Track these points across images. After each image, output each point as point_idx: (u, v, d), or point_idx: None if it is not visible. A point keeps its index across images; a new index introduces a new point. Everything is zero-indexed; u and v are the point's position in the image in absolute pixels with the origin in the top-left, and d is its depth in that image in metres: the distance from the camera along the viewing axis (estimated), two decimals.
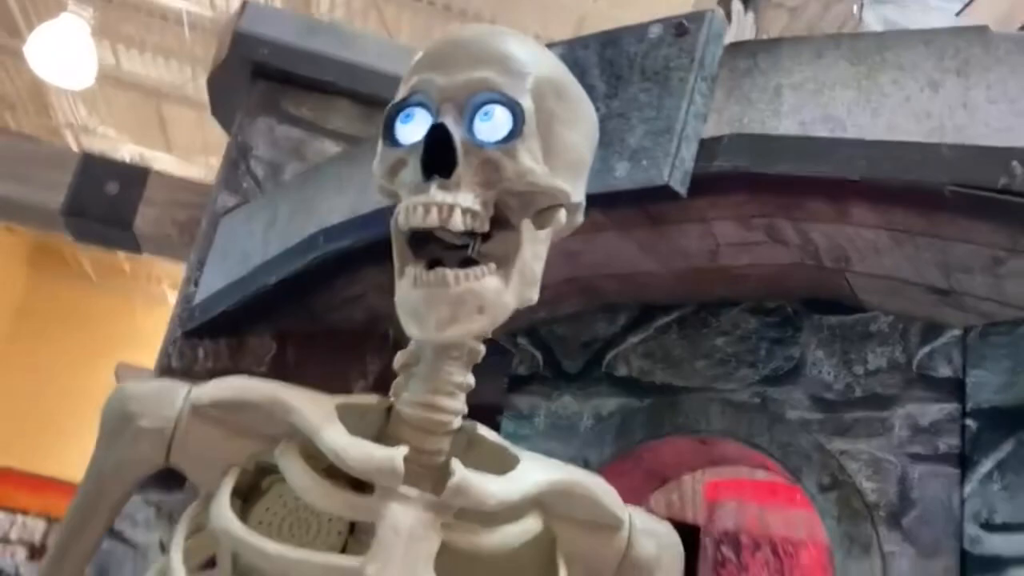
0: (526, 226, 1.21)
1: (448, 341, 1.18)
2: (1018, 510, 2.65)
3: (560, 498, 1.28)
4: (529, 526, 1.25)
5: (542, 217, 1.24)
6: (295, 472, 1.18)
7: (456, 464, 1.18)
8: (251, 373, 3.79)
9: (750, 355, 3.43)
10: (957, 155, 2.29)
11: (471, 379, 1.34)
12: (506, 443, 1.37)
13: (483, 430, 1.38)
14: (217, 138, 4.84)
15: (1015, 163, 2.21)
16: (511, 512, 1.24)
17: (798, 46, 2.69)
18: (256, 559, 1.17)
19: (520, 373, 3.94)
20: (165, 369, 3.73)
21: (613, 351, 3.72)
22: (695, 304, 3.62)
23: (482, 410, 3.24)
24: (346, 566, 1.12)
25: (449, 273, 1.13)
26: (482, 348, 1.34)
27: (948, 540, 2.82)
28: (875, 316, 3.20)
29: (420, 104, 1.16)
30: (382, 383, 4.07)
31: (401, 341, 4.28)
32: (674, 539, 1.44)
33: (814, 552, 4.37)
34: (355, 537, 1.33)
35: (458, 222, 1.11)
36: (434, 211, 1.10)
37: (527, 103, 1.15)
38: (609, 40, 2.95)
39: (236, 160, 4.06)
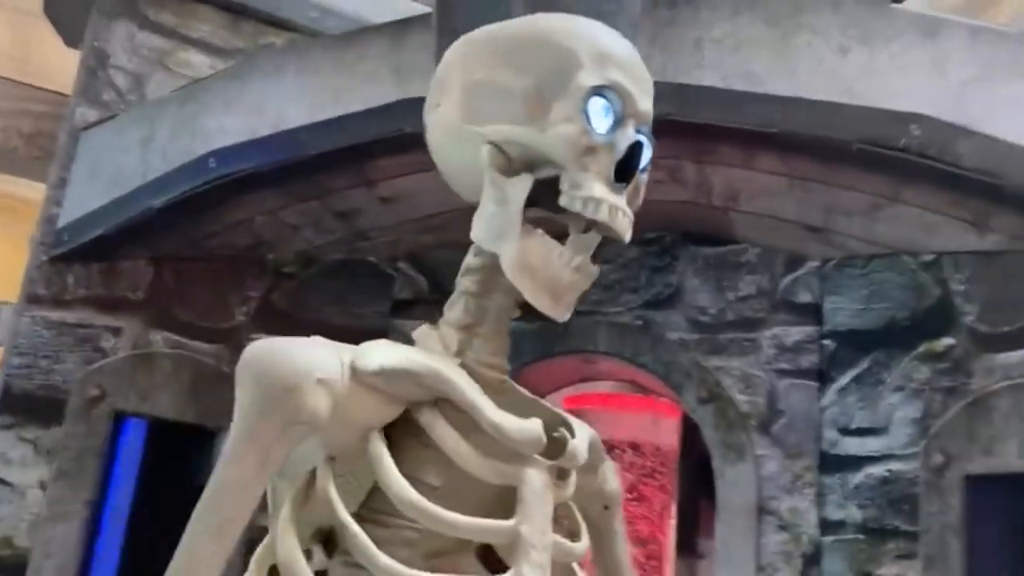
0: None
1: (563, 319, 1.26)
2: (871, 417, 3.13)
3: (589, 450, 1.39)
4: (574, 477, 1.36)
5: None
6: (453, 441, 1.21)
7: (567, 433, 1.27)
8: (127, 300, 3.63)
9: (632, 282, 3.71)
10: (863, 116, 2.61)
11: None
12: (536, 398, 1.40)
13: (517, 387, 1.40)
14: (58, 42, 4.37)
15: (913, 126, 2.56)
16: None
17: (717, 2, 2.90)
18: (440, 528, 1.19)
19: (403, 297, 4.01)
20: (32, 298, 3.45)
21: None
22: None
23: (365, 334, 3.32)
24: (504, 527, 1.20)
25: (594, 268, 1.25)
26: None
27: (809, 443, 3.28)
28: (745, 248, 3.56)
29: (612, 102, 1.23)
30: (264, 311, 4.00)
31: (281, 267, 4.18)
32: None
33: (656, 451, 4.87)
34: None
35: (629, 235, 1.24)
36: (626, 221, 1.22)
37: None
38: None
39: (94, 68, 3.73)
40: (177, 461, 3.48)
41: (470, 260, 1.31)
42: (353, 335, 1.33)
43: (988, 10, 2.99)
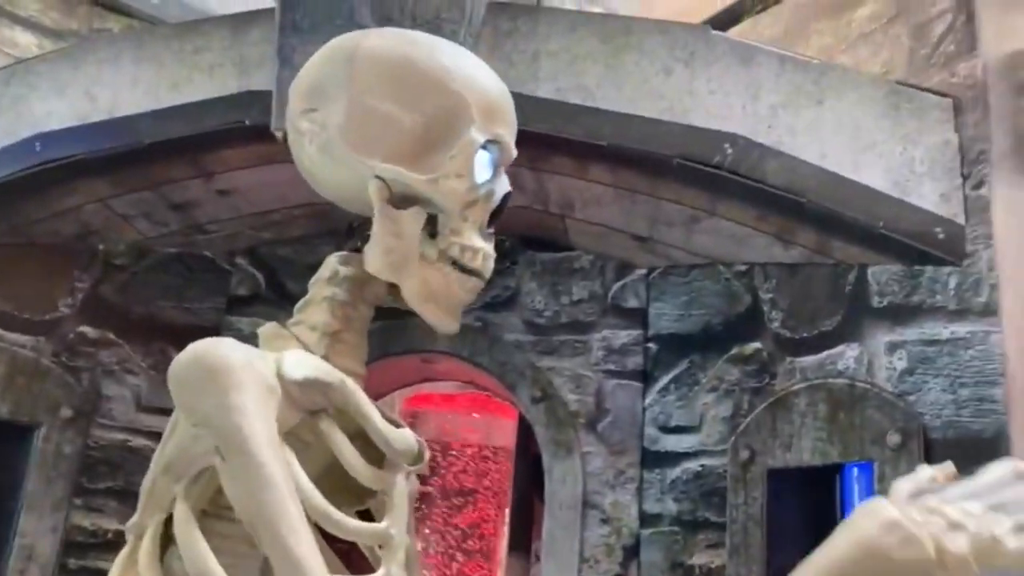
0: None
1: (453, 332, 1.38)
2: (687, 415, 3.34)
3: None
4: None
5: None
6: (345, 448, 1.26)
7: (423, 441, 1.37)
8: None
9: None
10: (684, 133, 2.80)
11: None
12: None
13: None
14: None
15: (727, 145, 2.76)
16: None
17: (554, 17, 3.04)
18: (331, 528, 1.21)
19: (240, 294, 3.95)
20: None
21: None
22: None
23: (201, 331, 3.27)
24: (381, 529, 1.26)
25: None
26: None
27: (632, 440, 3.46)
28: (579, 255, 3.72)
29: (493, 155, 1.32)
30: (92, 303, 3.87)
31: (113, 258, 4.06)
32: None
33: (494, 452, 4.96)
34: None
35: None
36: (490, 263, 1.34)
37: None
38: None
39: None
40: None
41: (339, 268, 1.35)
42: (187, 330, 1.35)
43: (798, 43, 3.25)
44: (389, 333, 3.82)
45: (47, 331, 3.53)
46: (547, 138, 2.94)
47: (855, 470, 2.73)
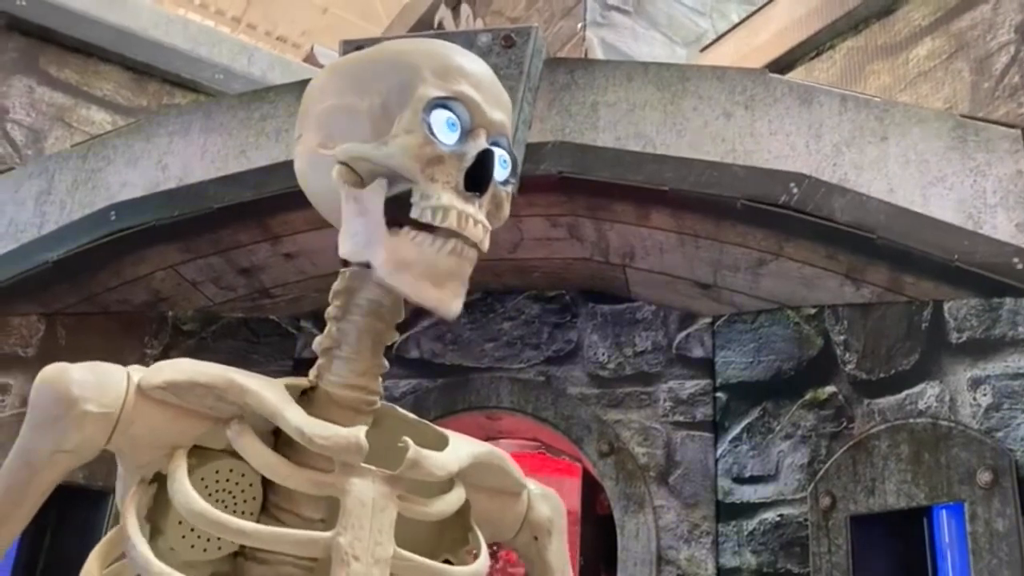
0: None
1: (450, 312, 1.23)
2: (762, 464, 3.26)
3: (479, 469, 1.35)
4: (459, 495, 1.32)
5: None
6: (257, 452, 1.20)
7: (410, 442, 1.22)
8: (16, 356, 3.51)
9: (534, 338, 3.80)
10: (747, 175, 2.79)
11: (386, 363, 1.37)
12: (422, 420, 1.41)
13: (400, 410, 1.42)
14: None
15: (792, 184, 2.75)
16: (444, 483, 1.32)
17: (611, 68, 3.08)
18: (230, 537, 1.19)
19: (305, 356, 3.99)
20: None
21: (403, 334, 3.90)
22: (480, 291, 3.92)
23: None
24: (319, 538, 1.17)
25: (474, 254, 1.23)
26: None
27: (706, 493, 3.38)
28: (640, 305, 3.71)
29: (458, 114, 1.24)
30: None
31: (182, 324, 4.12)
32: (562, 504, 1.52)
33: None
34: (267, 514, 1.36)
35: (487, 244, 1.25)
36: (480, 228, 1.22)
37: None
38: None
39: None
40: (63, 524, 3.34)
41: (334, 286, 1.31)
42: None
43: (855, 85, 3.25)
44: (452, 390, 3.82)
45: None
46: (607, 186, 2.96)
47: (944, 512, 2.62)
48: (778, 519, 3.13)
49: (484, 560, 1.31)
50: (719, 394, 3.48)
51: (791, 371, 3.25)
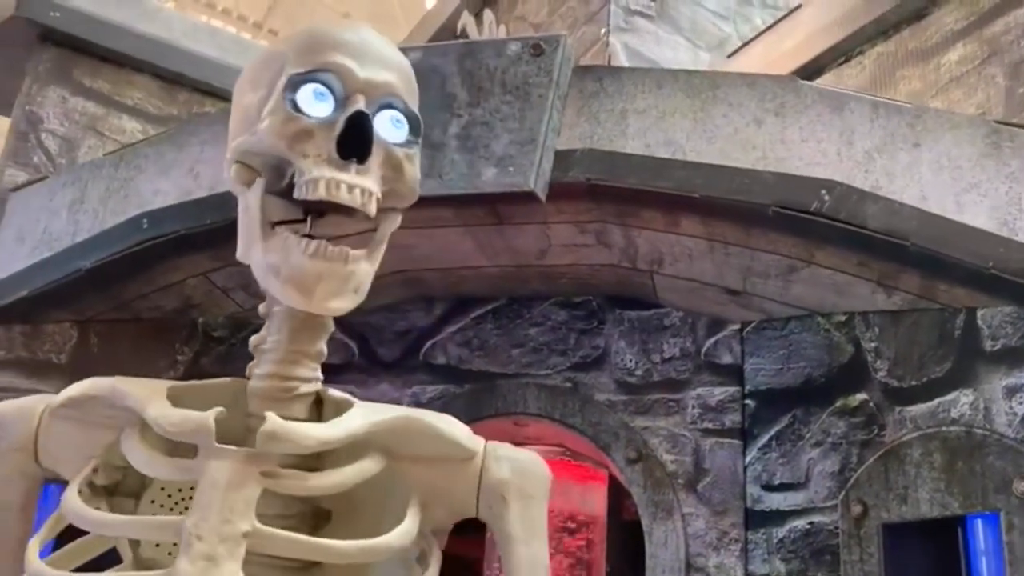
0: (390, 222, 1.27)
1: (328, 313, 1.20)
2: (792, 472, 3.24)
3: (398, 437, 1.30)
4: (366, 467, 1.27)
5: (394, 216, 1.29)
6: (132, 450, 1.24)
7: (269, 415, 1.21)
8: (50, 363, 3.55)
9: (560, 344, 3.80)
10: (779, 182, 2.78)
11: (323, 348, 1.32)
12: (352, 399, 1.35)
13: (332, 392, 1.37)
14: None
15: (823, 191, 2.74)
16: (345, 455, 1.28)
17: (640, 76, 3.08)
18: (94, 530, 1.29)
19: (332, 362, 4.00)
20: None
21: (430, 340, 3.91)
22: (507, 298, 3.92)
23: None
24: (168, 522, 1.22)
25: (349, 251, 1.17)
26: (332, 323, 1.34)
27: (735, 500, 3.37)
28: (668, 312, 3.70)
29: (328, 84, 1.20)
30: (194, 373, 3.98)
31: (212, 331, 4.14)
32: (535, 465, 1.41)
33: (588, 521, 4.88)
34: None
35: (372, 208, 1.19)
36: (357, 192, 1.17)
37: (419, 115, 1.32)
38: (467, 52, 3.16)
39: (25, 132, 3.72)
40: None
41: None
42: None
43: (886, 91, 3.24)
44: (479, 396, 3.83)
45: None
46: (637, 193, 2.97)
47: (979, 521, 2.60)
48: (808, 527, 3.12)
49: (396, 534, 1.24)
50: (748, 401, 3.46)
51: (821, 378, 3.23)
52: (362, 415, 1.28)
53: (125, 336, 3.68)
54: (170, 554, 1.35)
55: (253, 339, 1.32)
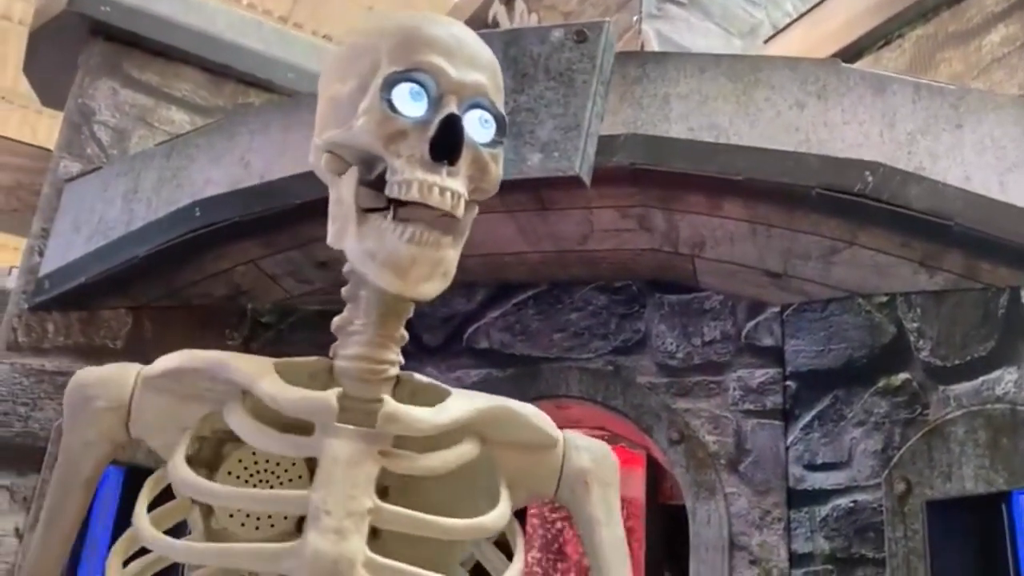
0: (471, 214, 1.31)
1: (421, 296, 1.24)
2: (834, 452, 3.28)
3: (495, 424, 1.36)
4: (465, 450, 1.33)
5: (473, 208, 1.33)
6: (241, 423, 1.27)
7: (387, 398, 1.26)
8: (106, 348, 3.66)
9: (602, 328, 3.86)
10: (822, 164, 2.82)
11: (405, 332, 1.37)
12: (442, 384, 1.41)
13: (420, 377, 1.43)
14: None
15: (867, 172, 2.77)
16: (448, 439, 1.33)
17: (683, 60, 3.12)
18: (210, 501, 1.30)
19: None
20: (12, 345, 3.46)
21: (473, 325, 3.98)
22: (547, 283, 3.98)
23: None
24: (294, 496, 1.24)
25: (441, 236, 1.22)
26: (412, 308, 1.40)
27: (777, 480, 3.41)
28: (708, 295, 3.74)
29: (423, 84, 1.24)
30: None
31: (260, 317, 4.23)
32: (608, 454, 1.49)
33: (628, 503, 4.96)
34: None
35: (460, 210, 1.23)
36: (448, 195, 1.21)
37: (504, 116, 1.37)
38: (512, 39, 3.21)
39: (78, 124, 3.82)
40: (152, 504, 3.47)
41: (344, 267, 1.34)
42: None
43: (926, 74, 3.26)
44: (521, 380, 3.89)
45: None
46: (680, 176, 3.01)
47: (1023, 497, 2.64)
48: (851, 505, 3.16)
49: (497, 514, 1.31)
50: (789, 383, 3.50)
51: (863, 359, 3.26)
52: (464, 402, 1.34)
53: (177, 322, 3.78)
54: (243, 525, 1.39)
55: (337, 320, 1.36)
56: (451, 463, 1.31)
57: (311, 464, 1.36)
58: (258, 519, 1.37)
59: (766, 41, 4.65)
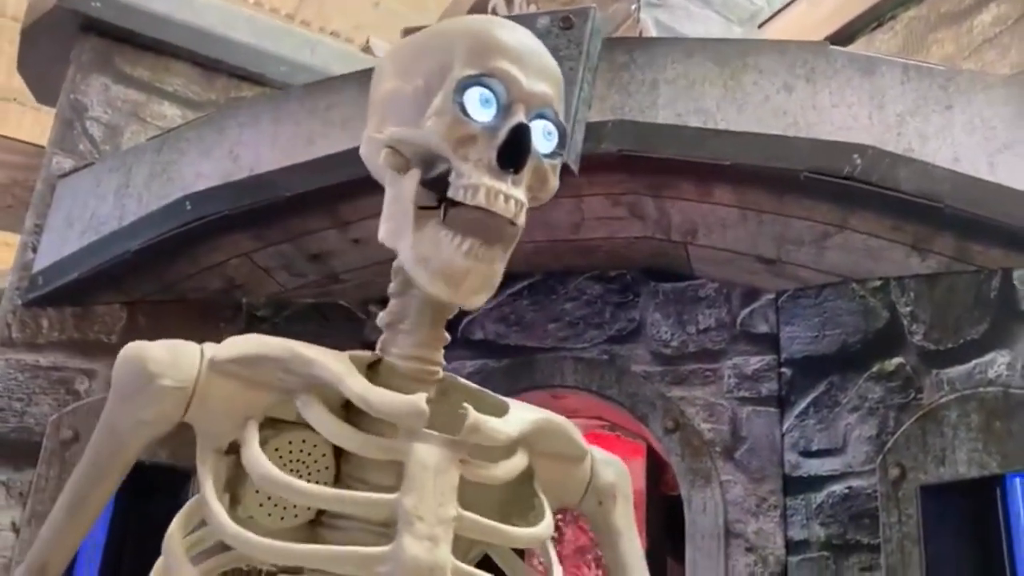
0: (523, 222, 1.29)
1: (470, 306, 1.27)
2: (829, 438, 3.26)
3: (541, 435, 1.39)
4: (520, 461, 1.35)
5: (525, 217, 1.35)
6: (324, 420, 1.25)
7: (469, 408, 1.25)
8: (101, 343, 3.67)
9: (596, 317, 3.84)
10: (810, 147, 2.80)
11: (447, 334, 1.41)
12: (484, 389, 1.42)
13: (462, 380, 1.44)
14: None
15: (855, 156, 2.75)
16: (504, 448, 1.34)
17: (670, 45, 3.10)
18: (296, 500, 1.25)
19: (374, 340, 4.08)
20: (6, 341, 3.48)
21: (468, 317, 3.97)
22: (542, 273, 3.97)
23: None
24: (384, 500, 1.21)
25: (496, 252, 1.24)
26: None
27: (772, 467, 3.39)
28: (703, 283, 3.72)
29: (494, 90, 1.24)
30: None
31: (256, 310, 4.23)
32: (626, 469, 1.55)
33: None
34: (340, 483, 1.35)
35: (522, 219, 1.24)
36: (512, 203, 1.21)
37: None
38: None
39: (70, 120, 3.83)
40: (150, 502, 3.48)
41: (395, 263, 1.34)
42: None
43: (918, 55, 3.23)
44: (517, 370, 3.88)
45: None
46: (669, 163, 2.99)
47: (1018, 480, 2.61)
48: (847, 491, 3.14)
49: (548, 523, 1.34)
50: (784, 369, 3.48)
51: (857, 344, 3.24)
52: (524, 412, 1.36)
53: (172, 316, 3.78)
54: (270, 515, 1.34)
55: (384, 316, 1.37)
56: (513, 473, 1.33)
57: (338, 458, 1.35)
58: (284, 509, 1.33)
59: (760, 25, 4.62)
